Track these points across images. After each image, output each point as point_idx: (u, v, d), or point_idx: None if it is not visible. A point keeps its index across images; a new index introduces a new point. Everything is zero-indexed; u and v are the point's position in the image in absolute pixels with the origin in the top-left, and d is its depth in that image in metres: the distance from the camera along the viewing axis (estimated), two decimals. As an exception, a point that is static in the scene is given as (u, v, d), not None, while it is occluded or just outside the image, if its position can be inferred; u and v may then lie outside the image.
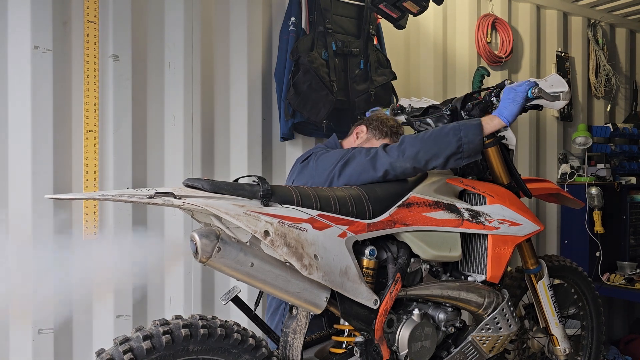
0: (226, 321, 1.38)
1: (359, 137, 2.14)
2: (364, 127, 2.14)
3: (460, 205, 1.76)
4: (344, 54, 2.67)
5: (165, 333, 1.26)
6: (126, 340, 1.24)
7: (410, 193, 1.69)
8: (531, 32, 3.84)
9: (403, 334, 1.63)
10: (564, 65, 3.98)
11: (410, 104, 2.13)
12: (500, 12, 3.66)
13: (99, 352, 1.24)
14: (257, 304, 1.64)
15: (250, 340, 1.38)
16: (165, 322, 1.30)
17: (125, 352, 1.21)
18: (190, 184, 1.38)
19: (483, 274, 1.79)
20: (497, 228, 1.78)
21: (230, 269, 1.33)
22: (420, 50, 3.32)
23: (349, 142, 2.17)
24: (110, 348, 1.24)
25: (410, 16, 2.63)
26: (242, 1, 2.62)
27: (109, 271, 2.25)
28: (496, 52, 3.60)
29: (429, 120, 1.96)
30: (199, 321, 1.32)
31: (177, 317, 1.34)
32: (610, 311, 4.11)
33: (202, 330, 1.30)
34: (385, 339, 1.59)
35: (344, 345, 1.63)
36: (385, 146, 1.73)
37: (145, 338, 1.24)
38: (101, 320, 2.26)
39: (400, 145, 1.70)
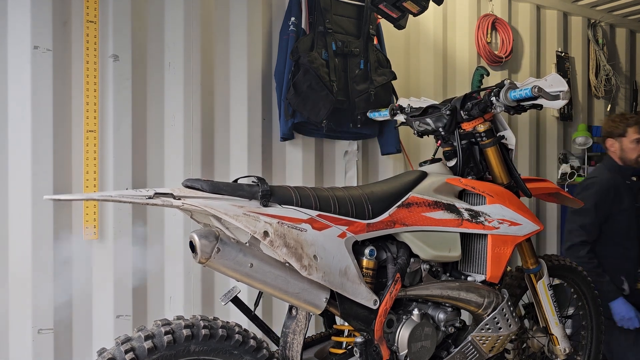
0: (228, 322, 1.39)
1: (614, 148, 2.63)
2: (609, 140, 2.51)
3: (460, 205, 1.76)
4: (344, 54, 2.67)
5: (167, 333, 1.26)
6: (128, 339, 1.25)
7: (410, 193, 1.69)
8: (531, 32, 3.84)
9: (403, 334, 1.64)
10: (564, 65, 3.98)
11: (409, 104, 2.12)
12: (500, 12, 3.66)
13: (101, 352, 1.24)
14: (256, 304, 1.64)
15: (252, 342, 1.39)
16: (167, 322, 1.30)
17: (127, 352, 1.21)
18: (189, 185, 1.38)
19: (483, 273, 1.79)
20: (496, 228, 1.78)
21: (230, 269, 1.33)
22: (420, 50, 3.32)
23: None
24: (112, 347, 1.24)
25: (410, 16, 2.63)
26: (242, 1, 2.62)
27: (109, 271, 2.26)
28: (496, 52, 3.60)
29: (428, 120, 1.95)
30: (201, 322, 1.33)
31: (179, 318, 1.34)
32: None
33: (203, 331, 1.31)
34: (385, 339, 1.59)
35: (344, 346, 1.63)
36: None
37: (147, 338, 1.24)
38: (101, 321, 2.26)
39: None
